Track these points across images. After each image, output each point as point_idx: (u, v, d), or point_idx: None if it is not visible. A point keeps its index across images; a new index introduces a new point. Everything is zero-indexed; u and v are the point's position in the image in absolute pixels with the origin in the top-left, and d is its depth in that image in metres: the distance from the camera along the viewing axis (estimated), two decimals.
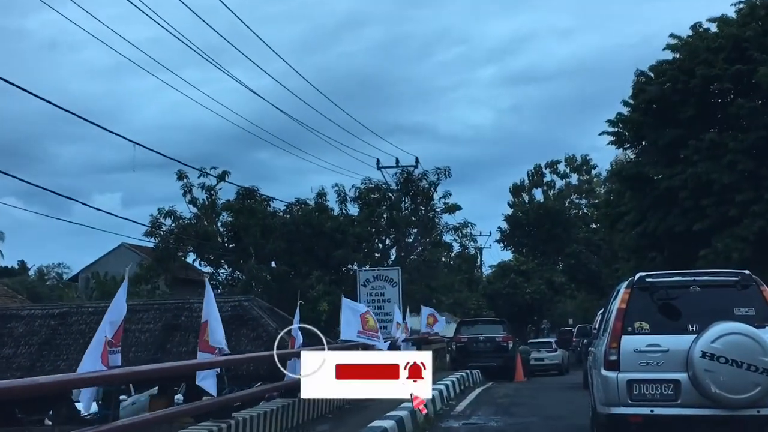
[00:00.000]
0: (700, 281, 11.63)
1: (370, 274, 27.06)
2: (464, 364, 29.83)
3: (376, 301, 26.61)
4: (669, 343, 10.86)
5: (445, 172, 36.83)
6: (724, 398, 10.33)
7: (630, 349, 10.98)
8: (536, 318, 67.59)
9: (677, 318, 11.16)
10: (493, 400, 19.37)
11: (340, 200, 36.42)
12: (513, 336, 33.77)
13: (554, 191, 75.04)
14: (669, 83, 39.97)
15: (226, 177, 35.87)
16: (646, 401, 10.81)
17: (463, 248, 37.63)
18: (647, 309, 11.29)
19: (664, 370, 10.77)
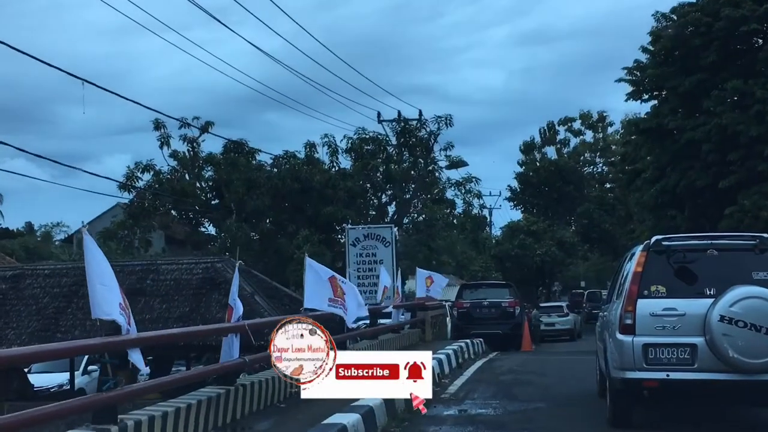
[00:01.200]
0: (717, 245, 11.25)
1: (360, 233, 24.20)
2: (466, 332, 27.11)
3: (367, 262, 23.82)
4: (686, 306, 10.50)
5: (446, 121, 33.43)
6: (741, 363, 10.02)
7: (646, 313, 10.62)
8: (547, 281, 64.84)
9: (694, 282, 10.76)
10: (493, 378, 16.55)
11: (330, 152, 33.24)
12: (520, 301, 30.78)
13: (568, 149, 71.13)
14: (690, 26, 36.69)
15: (210, 128, 32.72)
16: (661, 365, 10.48)
17: (467, 205, 34.09)
18: (663, 272, 10.87)
19: (680, 334, 10.47)
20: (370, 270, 23.75)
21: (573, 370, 18.33)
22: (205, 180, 32.99)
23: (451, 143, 32.29)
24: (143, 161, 32.36)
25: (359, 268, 23.46)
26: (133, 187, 31.64)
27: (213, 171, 32.14)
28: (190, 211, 32.72)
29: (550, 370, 18.26)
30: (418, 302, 22.60)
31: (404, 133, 32.01)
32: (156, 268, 22.91)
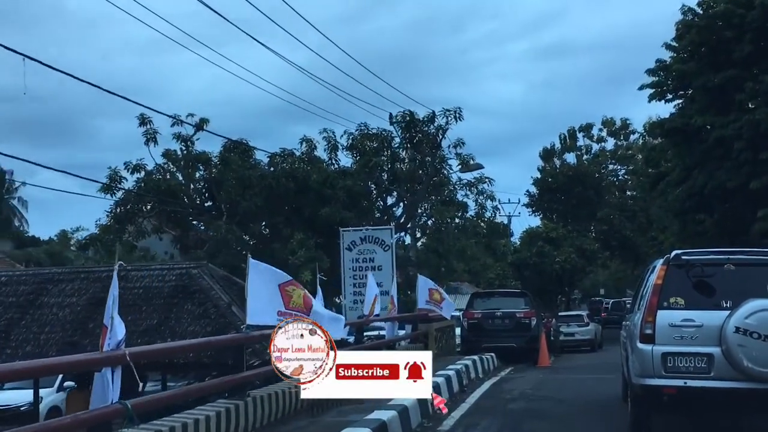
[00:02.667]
0: (734, 260, 11.39)
1: (356, 235, 21.25)
2: (477, 346, 24.09)
3: (364, 268, 20.83)
4: (703, 318, 10.75)
5: (455, 115, 30.05)
6: (756, 372, 10.18)
7: (665, 323, 10.87)
8: (567, 289, 61.39)
9: (712, 294, 10.98)
10: (501, 406, 13.52)
11: (329, 148, 29.91)
12: (537, 311, 27.39)
13: (588, 156, 67.80)
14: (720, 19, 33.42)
15: (205, 126, 29.60)
16: (680, 373, 10.67)
17: (480, 208, 30.59)
18: (682, 285, 11.10)
19: (698, 344, 10.69)
20: (367, 277, 20.65)
21: (596, 394, 15.32)
22: (196, 180, 29.77)
23: (462, 140, 28.98)
24: (132, 161, 29.12)
25: (355, 275, 20.51)
26: (117, 189, 28.47)
27: (204, 170, 28.93)
28: (178, 213, 29.54)
29: (568, 394, 15.20)
30: (420, 313, 19.41)
31: (409, 128, 28.70)
32: (125, 275, 19.84)
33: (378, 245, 21.10)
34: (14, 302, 19.88)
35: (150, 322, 18.47)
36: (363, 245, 21.22)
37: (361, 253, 21.20)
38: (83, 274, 20.53)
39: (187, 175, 29.23)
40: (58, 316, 19.00)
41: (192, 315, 18.29)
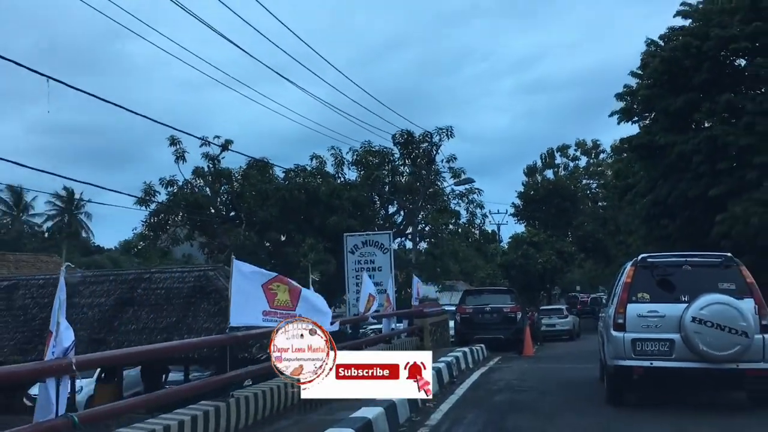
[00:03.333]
0: (691, 261, 11.65)
1: (358, 240, 19.73)
2: (469, 337, 22.51)
3: (366, 269, 19.23)
4: (665, 310, 10.94)
5: (447, 133, 28.88)
6: (709, 354, 10.41)
7: (634, 314, 11.05)
8: (548, 286, 60.00)
9: (672, 290, 11.14)
10: (487, 398, 12.09)
11: (336, 164, 28.47)
12: (522, 306, 25.79)
13: (565, 173, 67.17)
14: (680, 50, 31.86)
15: (229, 146, 28.22)
16: (646, 356, 10.85)
17: (471, 215, 29.07)
18: (648, 283, 11.29)
19: (661, 331, 10.86)
20: (369, 277, 19.06)
21: (578, 384, 13.57)
22: (221, 193, 28.26)
23: (454, 156, 27.49)
24: (167, 177, 27.66)
25: (358, 275, 18.96)
26: (151, 201, 26.97)
27: (227, 184, 27.41)
28: (204, 222, 28.02)
29: (552, 386, 13.59)
30: (416, 309, 17.83)
31: (407, 145, 27.19)
32: (149, 277, 18.37)
33: (378, 248, 19.57)
34: (48, 303, 18.34)
35: (170, 320, 16.98)
36: (364, 248, 19.70)
37: (363, 256, 19.68)
38: (112, 277, 19.08)
39: (213, 188, 27.75)
40: (87, 315, 17.53)
41: (207, 313, 16.82)
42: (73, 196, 60.95)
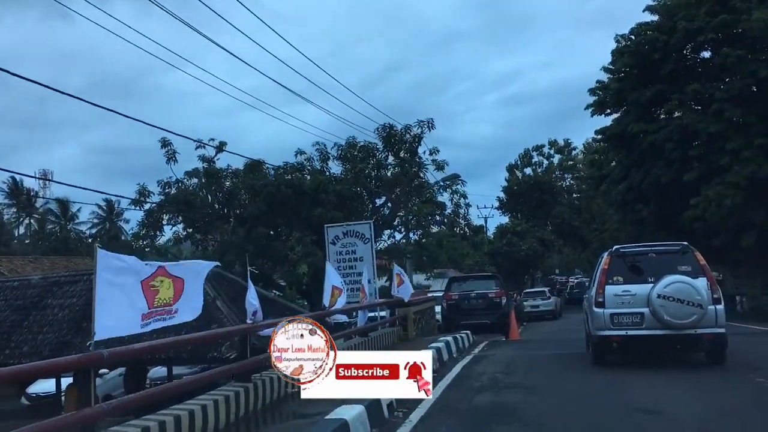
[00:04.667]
0: (655, 250, 12.24)
1: (339, 230, 16.88)
2: (456, 323, 19.72)
3: (347, 260, 16.50)
4: (636, 289, 11.43)
5: (428, 125, 25.12)
6: (672, 323, 11.04)
7: (611, 294, 11.58)
8: (531, 270, 57.10)
9: (641, 274, 11.64)
10: (467, 399, 9.19)
11: (321, 158, 25.38)
12: (506, 291, 22.77)
13: (542, 169, 64.61)
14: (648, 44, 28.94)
15: (224, 147, 25.32)
16: (622, 326, 11.42)
17: (456, 206, 26.01)
18: (621, 268, 11.82)
19: (633, 306, 11.38)
20: (350, 267, 16.56)
21: (564, 378, 10.67)
22: (213, 192, 25.17)
23: (437, 148, 24.51)
24: (164, 179, 24.74)
25: (339, 266, 15.98)
26: (145, 202, 23.99)
27: (216, 183, 24.29)
28: (196, 221, 25.02)
29: (539, 379, 10.60)
30: (396, 299, 14.91)
31: (389, 138, 24.14)
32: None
33: (359, 239, 16.69)
34: (21, 305, 15.59)
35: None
36: (345, 239, 16.81)
37: (344, 246, 16.79)
38: (86, 276, 16.15)
39: (206, 188, 24.67)
40: (57, 317, 14.68)
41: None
42: (113, 206, 59.39)
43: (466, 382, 10.81)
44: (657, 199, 28.94)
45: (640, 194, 29.94)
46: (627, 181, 30.19)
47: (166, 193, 22.95)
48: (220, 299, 13.81)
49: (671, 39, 28.03)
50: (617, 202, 31.97)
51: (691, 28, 27.00)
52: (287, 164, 23.89)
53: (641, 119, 29.86)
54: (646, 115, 29.99)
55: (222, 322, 13.09)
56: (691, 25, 27.00)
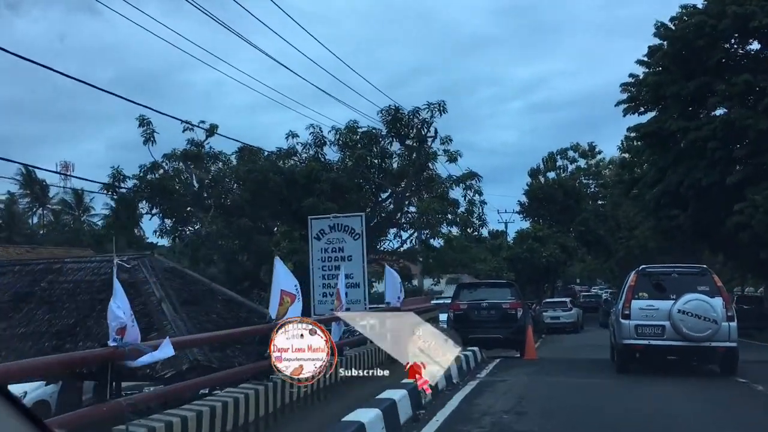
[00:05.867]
0: (677, 271, 13.33)
1: (324, 223, 14.12)
2: (463, 337, 16.46)
3: (333, 258, 13.80)
4: (659, 304, 12.36)
5: (439, 108, 21.07)
6: (690, 336, 12.01)
7: (636, 308, 12.50)
8: (552, 279, 53.91)
9: (664, 291, 12.58)
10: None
11: (316, 144, 22.15)
12: (524, 302, 19.61)
13: (566, 173, 61.62)
14: (693, 30, 25.82)
15: (215, 131, 22.46)
16: (645, 337, 12.31)
17: (470, 203, 22.78)
18: (646, 285, 12.77)
19: (656, 319, 12.30)
20: (336, 268, 13.47)
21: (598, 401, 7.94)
22: (195, 177, 22.18)
23: (449, 137, 21.38)
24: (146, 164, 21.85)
25: (324, 266, 13.31)
26: (118, 187, 21.05)
27: (198, 165, 21.35)
28: (174, 209, 22.01)
29: (560, 425, 7.55)
30: (390, 309, 12.14)
31: (394, 123, 21.07)
32: (59, 268, 12.70)
33: (348, 234, 13.88)
34: None
35: (67, 321, 11.31)
36: (332, 234, 14.01)
37: (330, 243, 13.99)
38: (18, 267, 13.55)
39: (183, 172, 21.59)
40: None
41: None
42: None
43: (471, 419, 8.01)
44: (696, 203, 25.86)
45: (676, 198, 26.88)
46: (662, 184, 27.13)
47: (141, 178, 20.20)
48: (168, 301, 11.11)
49: (719, 24, 24.99)
50: (650, 207, 28.87)
51: (742, 12, 23.93)
52: (280, 150, 21.06)
53: (681, 116, 26.84)
54: (686, 111, 26.95)
55: (164, 330, 10.41)
56: (741, 9, 23.94)
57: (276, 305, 7.45)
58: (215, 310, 11.83)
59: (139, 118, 19.35)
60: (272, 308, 7.50)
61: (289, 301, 7.53)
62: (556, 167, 67.07)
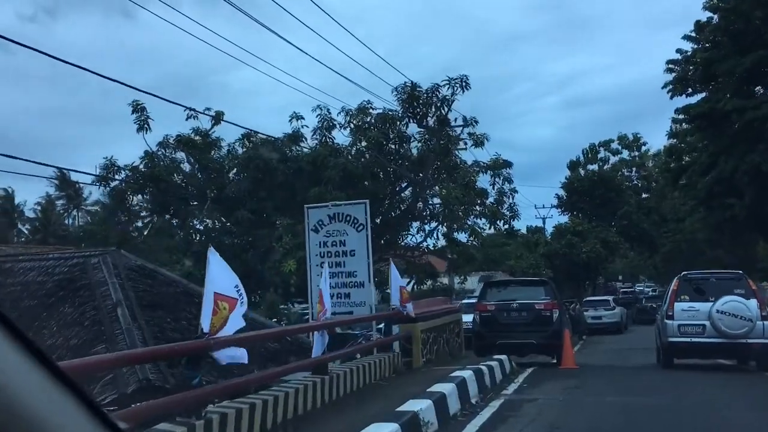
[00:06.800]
0: (716, 276, 15.13)
1: (323, 213, 11.88)
2: (491, 342, 14.87)
3: (334, 254, 11.54)
4: (699, 306, 13.94)
5: (461, 83, 18.32)
6: (728, 333, 13.60)
7: (679, 309, 14.15)
8: (593, 276, 50.94)
9: (703, 294, 14.17)
10: None
11: (323, 126, 19.72)
12: (560, 302, 17.17)
13: (608, 166, 58.78)
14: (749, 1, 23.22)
15: (222, 118, 20.49)
16: (687, 335, 13.99)
17: (500, 194, 20.22)
18: (688, 289, 14.44)
19: (697, 319, 13.92)
20: (337, 265, 11.54)
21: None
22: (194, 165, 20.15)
23: (475, 119, 18.92)
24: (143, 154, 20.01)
25: (323, 263, 11.09)
26: (111, 179, 19.13)
27: (197, 152, 19.34)
28: (170, 201, 20.00)
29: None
30: (394, 312, 10.09)
31: (412, 102, 18.67)
32: (9, 267, 10.83)
33: (350, 225, 11.82)
34: None
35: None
36: (332, 225, 11.96)
37: (330, 235, 11.94)
38: None
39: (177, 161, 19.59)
40: None
41: (64, 320, 9.37)
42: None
43: None
44: (754, 191, 23.23)
45: (731, 186, 24.24)
46: (716, 171, 24.49)
47: (133, 168, 18.31)
48: (125, 306, 9.20)
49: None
50: (701, 196, 26.21)
51: None
52: (286, 135, 18.92)
53: (736, 94, 24.19)
54: (742, 89, 24.28)
55: (114, 341, 8.51)
56: None
57: (208, 315, 5.45)
58: (187, 316, 9.92)
59: (132, 104, 17.56)
60: (204, 318, 5.50)
61: (227, 308, 5.52)
62: (597, 159, 64.23)
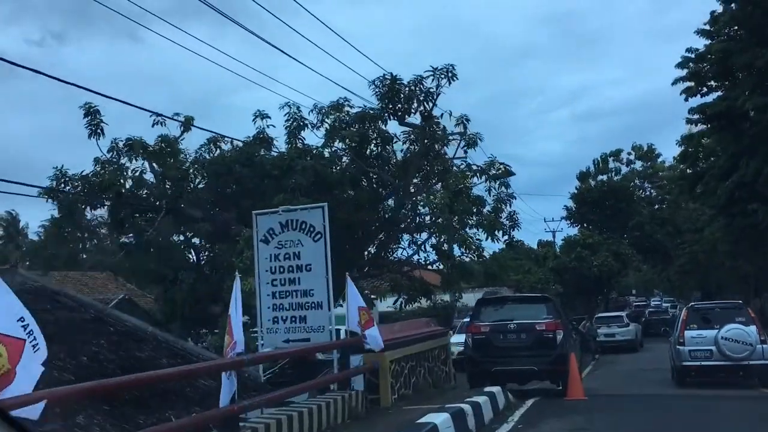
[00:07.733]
0: (720, 306, 17.75)
1: (274, 220, 9.79)
2: (486, 370, 12.73)
3: (287, 269, 9.45)
4: (706, 333, 15.97)
5: (447, 74, 16.29)
6: (732, 356, 15.61)
7: (689, 336, 16.19)
8: (605, 290, 48.54)
9: (709, 322, 16.24)
10: None
11: (292, 126, 17.63)
12: (564, 321, 14.97)
13: (619, 176, 56.75)
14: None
15: (192, 123, 18.43)
16: (697, 359, 15.98)
17: (498, 202, 18.10)
18: (696, 318, 16.57)
19: (704, 345, 15.88)
20: (291, 281, 9.46)
21: None
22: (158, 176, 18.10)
23: (466, 117, 16.80)
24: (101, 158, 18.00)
25: (274, 279, 9.09)
26: (60, 191, 16.93)
27: (146, 162, 17.20)
28: (124, 214, 17.88)
29: None
30: (353, 340, 8.08)
31: (391, 96, 16.56)
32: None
33: (305, 233, 9.85)
34: None
35: None
36: (284, 234, 9.98)
37: (282, 246, 9.96)
38: None
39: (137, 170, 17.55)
40: None
41: None
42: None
43: None
44: None
45: (754, 191, 22.10)
46: (737, 175, 22.37)
47: (82, 178, 16.30)
48: None
49: None
50: (721, 203, 24.04)
51: None
52: (251, 137, 16.83)
53: (756, 91, 22.12)
54: (762, 84, 22.22)
55: None
56: None
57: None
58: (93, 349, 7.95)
59: (84, 107, 15.64)
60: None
61: (3, 354, 3.57)
62: (608, 170, 62.20)
